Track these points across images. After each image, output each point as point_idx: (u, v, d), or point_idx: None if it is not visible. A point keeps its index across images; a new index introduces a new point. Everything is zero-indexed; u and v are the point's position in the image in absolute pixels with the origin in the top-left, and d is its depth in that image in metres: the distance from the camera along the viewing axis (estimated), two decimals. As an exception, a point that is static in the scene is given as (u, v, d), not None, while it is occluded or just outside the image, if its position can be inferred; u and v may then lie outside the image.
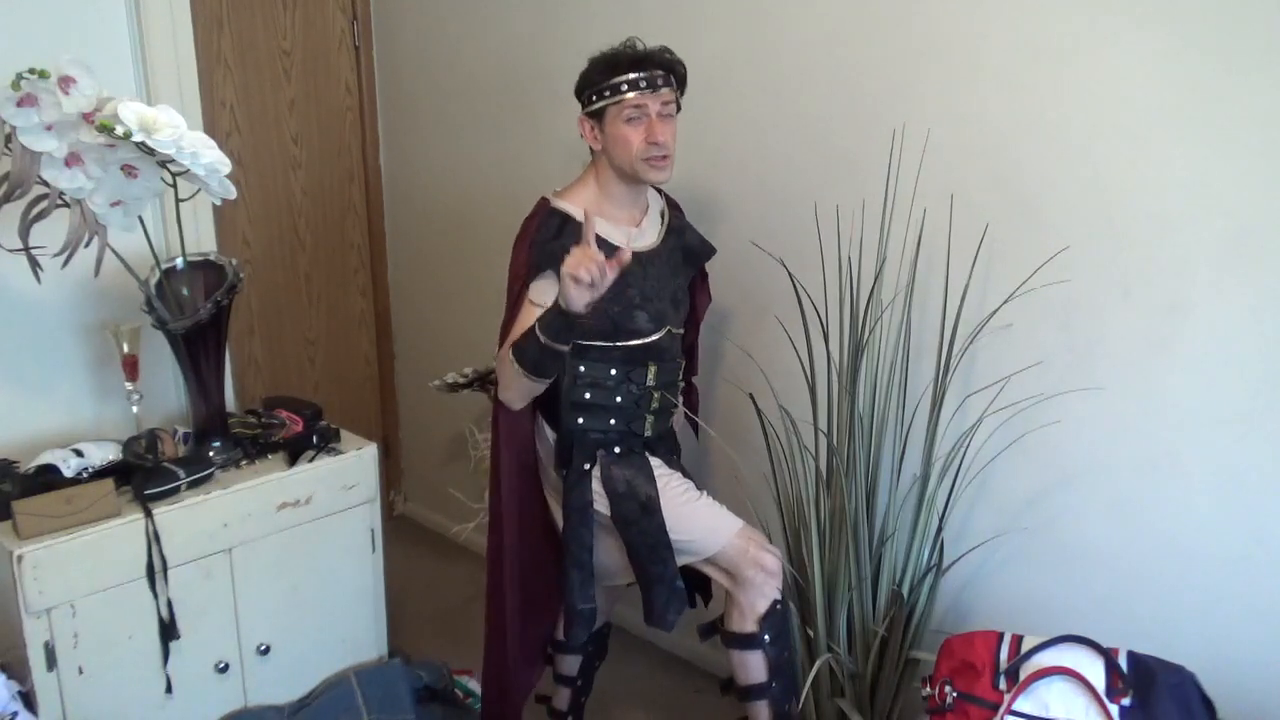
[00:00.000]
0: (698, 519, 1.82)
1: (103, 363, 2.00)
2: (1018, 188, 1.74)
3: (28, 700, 1.66)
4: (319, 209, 2.94)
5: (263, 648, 1.95)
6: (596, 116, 1.76)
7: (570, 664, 2.10)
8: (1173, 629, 1.69)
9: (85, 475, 1.78)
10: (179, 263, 1.87)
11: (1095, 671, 1.48)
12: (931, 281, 1.86)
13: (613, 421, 1.85)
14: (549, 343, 1.63)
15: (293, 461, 1.96)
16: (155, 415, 2.07)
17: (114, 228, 1.69)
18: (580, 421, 1.84)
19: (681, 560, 1.82)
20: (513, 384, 1.74)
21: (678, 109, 1.79)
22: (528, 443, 1.90)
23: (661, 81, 1.73)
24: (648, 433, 1.89)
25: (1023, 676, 1.51)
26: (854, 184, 1.93)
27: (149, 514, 1.74)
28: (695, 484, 1.90)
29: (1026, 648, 1.55)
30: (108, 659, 1.73)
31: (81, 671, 1.70)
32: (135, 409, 1.95)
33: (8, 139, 1.57)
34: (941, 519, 1.86)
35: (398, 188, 3.04)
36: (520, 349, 1.68)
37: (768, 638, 1.80)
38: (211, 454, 1.91)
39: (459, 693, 2.19)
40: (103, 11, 1.92)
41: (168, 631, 1.79)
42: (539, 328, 1.64)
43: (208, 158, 1.62)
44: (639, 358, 1.83)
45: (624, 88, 1.71)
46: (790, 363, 1.99)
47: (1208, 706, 1.47)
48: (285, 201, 2.86)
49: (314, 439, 2.01)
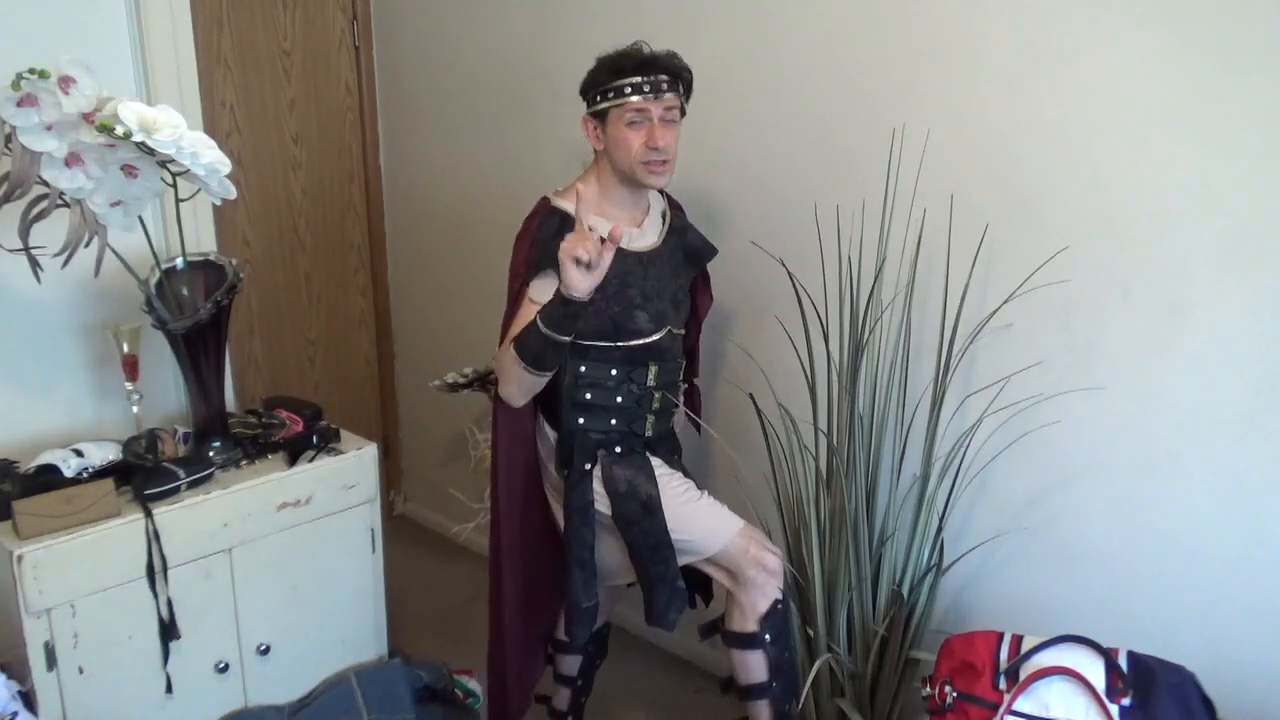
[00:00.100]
0: (699, 519, 1.82)
1: (103, 363, 2.00)
2: (1018, 188, 1.74)
3: (28, 700, 1.66)
4: (319, 209, 2.94)
5: (263, 648, 1.95)
6: (600, 117, 1.76)
7: (570, 664, 2.10)
8: (1173, 629, 1.69)
9: (85, 475, 1.78)
10: (179, 263, 1.87)
11: (1095, 671, 1.48)
12: (931, 281, 1.86)
13: (613, 421, 1.85)
14: (550, 333, 1.63)
15: (293, 461, 1.96)
16: (155, 415, 2.07)
17: (114, 228, 1.69)
18: (581, 421, 1.84)
19: (682, 560, 1.82)
20: (513, 379, 1.75)
21: (682, 114, 1.79)
22: (528, 442, 1.90)
23: (666, 87, 1.73)
24: (648, 433, 1.89)
25: (1023, 676, 1.51)
26: (854, 184, 1.93)
27: (149, 514, 1.74)
28: (696, 484, 1.90)
29: (1026, 648, 1.55)
30: (108, 659, 1.73)
31: (81, 671, 1.70)
32: (135, 409, 1.95)
33: (8, 139, 1.56)
34: (941, 519, 1.87)
35: (398, 188, 3.04)
36: (521, 342, 1.69)
37: (768, 637, 1.80)
38: (211, 454, 1.91)
39: (459, 693, 2.18)
40: (103, 11, 1.92)
41: (168, 631, 1.79)
42: (540, 318, 1.64)
43: (208, 158, 1.62)
44: (640, 358, 1.83)
45: (627, 90, 1.71)
46: (790, 363, 1.99)
47: (1208, 706, 1.47)
48: (285, 201, 2.86)
49: (314, 439, 2.01)
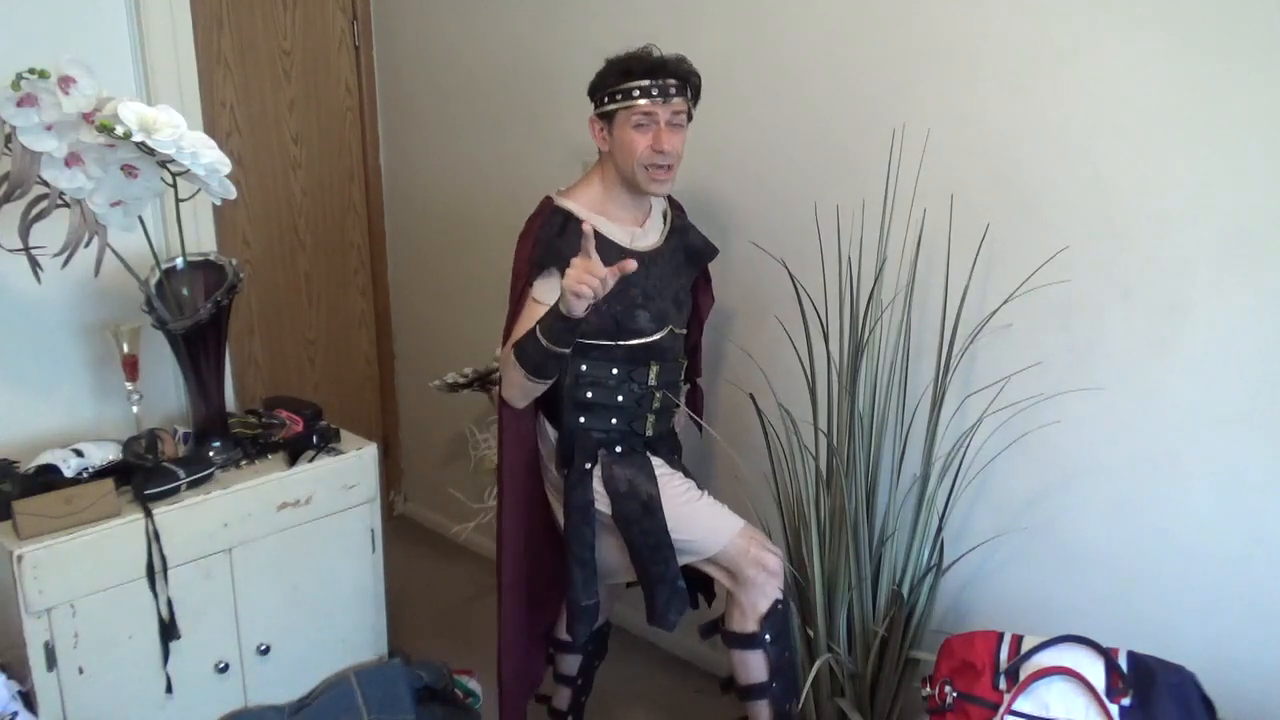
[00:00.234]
0: (699, 519, 1.82)
1: (103, 363, 2.00)
2: (1018, 188, 1.74)
3: (28, 700, 1.66)
4: (319, 209, 2.94)
5: (263, 648, 1.95)
6: (606, 118, 1.76)
7: (570, 663, 2.10)
8: (1173, 629, 1.69)
9: (85, 475, 1.78)
10: (179, 263, 1.87)
11: (1095, 671, 1.48)
12: (931, 281, 1.86)
13: (614, 421, 1.85)
14: (550, 346, 1.64)
15: (293, 461, 1.96)
16: (155, 415, 2.07)
17: (114, 228, 1.69)
18: (582, 420, 1.84)
19: (683, 560, 1.82)
20: (515, 384, 1.75)
21: (689, 119, 1.79)
22: (530, 441, 1.90)
23: (674, 91, 1.73)
24: (649, 432, 1.89)
25: (1023, 676, 1.51)
26: (854, 184, 1.93)
27: (149, 514, 1.74)
28: (696, 484, 1.90)
29: (1026, 648, 1.55)
30: (108, 659, 1.73)
31: (81, 671, 1.70)
32: (135, 409, 1.95)
33: (8, 139, 1.56)
34: (941, 519, 1.87)
35: (398, 188, 3.04)
36: (522, 350, 1.68)
37: (769, 637, 1.80)
38: (211, 454, 1.91)
39: (459, 693, 2.18)
40: (103, 11, 1.92)
41: (168, 631, 1.79)
42: (540, 331, 1.64)
43: (208, 158, 1.62)
44: (641, 357, 1.83)
45: (635, 93, 1.71)
46: (790, 363, 1.99)
47: (1208, 706, 1.47)
48: (285, 201, 2.86)
49: (314, 439, 2.01)
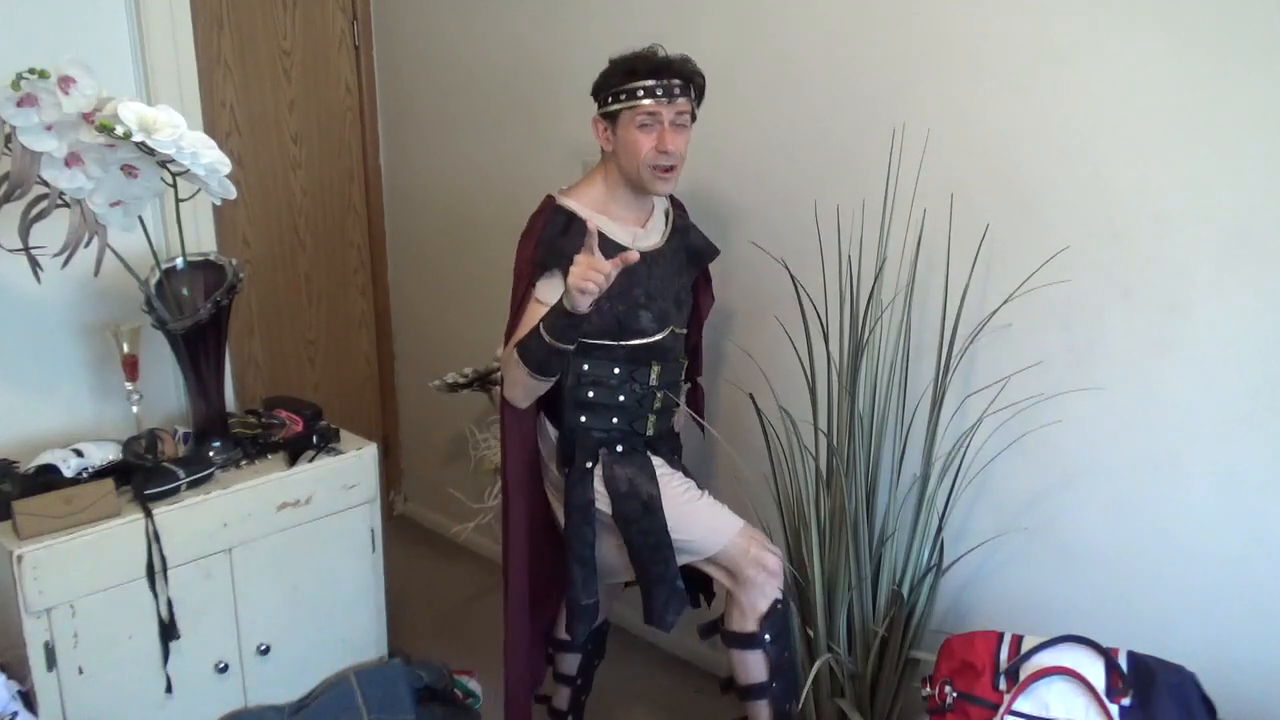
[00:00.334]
0: (699, 518, 1.82)
1: (103, 363, 2.00)
2: (1018, 188, 1.74)
3: (28, 700, 1.66)
4: (319, 209, 2.94)
5: (263, 648, 1.95)
6: (610, 118, 1.76)
7: (570, 663, 2.10)
8: (1173, 629, 1.69)
9: (85, 475, 1.78)
10: (179, 263, 1.87)
11: (1095, 671, 1.48)
12: (931, 281, 1.86)
13: (615, 420, 1.85)
14: (554, 342, 1.64)
15: (293, 461, 1.96)
16: (155, 415, 2.07)
17: (114, 228, 1.69)
18: (583, 420, 1.84)
19: (682, 559, 1.82)
20: (518, 383, 1.75)
21: (693, 119, 1.79)
22: (534, 441, 1.90)
23: (679, 91, 1.73)
24: (650, 432, 1.89)
25: (1023, 676, 1.51)
26: (854, 184, 1.93)
27: (149, 514, 1.74)
28: (696, 484, 1.90)
29: (1026, 648, 1.55)
30: (108, 659, 1.73)
31: (81, 671, 1.70)
32: (135, 409, 1.95)
33: (8, 139, 1.56)
34: (941, 519, 1.86)
35: (398, 188, 3.04)
36: (525, 348, 1.69)
37: (768, 637, 1.80)
38: (211, 454, 1.91)
39: (459, 693, 2.18)
40: (103, 11, 1.92)
41: (168, 631, 1.79)
42: (544, 328, 1.64)
43: (208, 158, 1.62)
44: (642, 357, 1.83)
45: (640, 93, 1.71)
46: (790, 363, 1.99)
47: (1208, 706, 1.47)
48: (285, 201, 2.86)
49: (314, 439, 2.01)
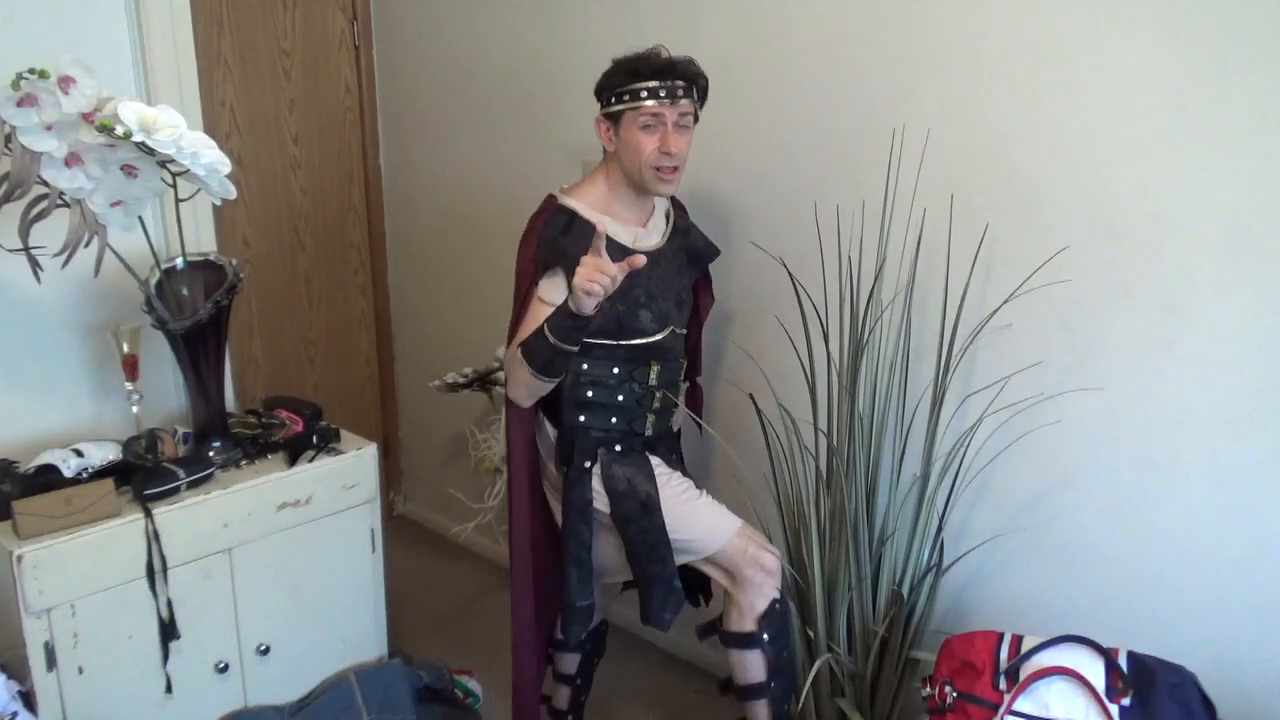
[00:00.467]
0: (697, 518, 1.82)
1: (103, 363, 2.00)
2: (1018, 188, 1.74)
3: (28, 700, 1.66)
4: (319, 209, 2.94)
5: (263, 648, 1.95)
6: (613, 119, 1.76)
7: (569, 662, 2.10)
8: (1173, 629, 1.69)
9: (85, 475, 1.78)
10: (179, 263, 1.87)
11: (1095, 671, 1.48)
12: (931, 281, 1.86)
13: (614, 420, 1.85)
14: (558, 343, 1.64)
15: (293, 461, 1.96)
16: (155, 415, 2.07)
17: (114, 228, 1.69)
18: (582, 419, 1.84)
19: (681, 559, 1.82)
20: (521, 383, 1.75)
21: (695, 120, 1.80)
22: (532, 440, 1.90)
23: (682, 93, 1.73)
24: (648, 432, 1.89)
25: (1023, 676, 1.51)
26: (854, 184, 1.93)
27: (149, 514, 1.74)
28: (695, 483, 1.90)
29: (1026, 648, 1.55)
30: (108, 659, 1.73)
31: (81, 671, 1.70)
32: (135, 409, 1.95)
33: (8, 139, 1.56)
34: (941, 519, 1.86)
35: (398, 188, 3.04)
36: (530, 349, 1.69)
37: (766, 637, 1.80)
38: (211, 454, 1.91)
39: (459, 693, 2.18)
40: (103, 11, 1.92)
41: (168, 631, 1.79)
42: (548, 328, 1.64)
43: (208, 158, 1.62)
44: (642, 357, 1.84)
45: (643, 95, 1.71)
46: (790, 363, 1.99)
47: (1208, 706, 1.47)
48: (285, 201, 2.86)
49: (314, 439, 2.01)
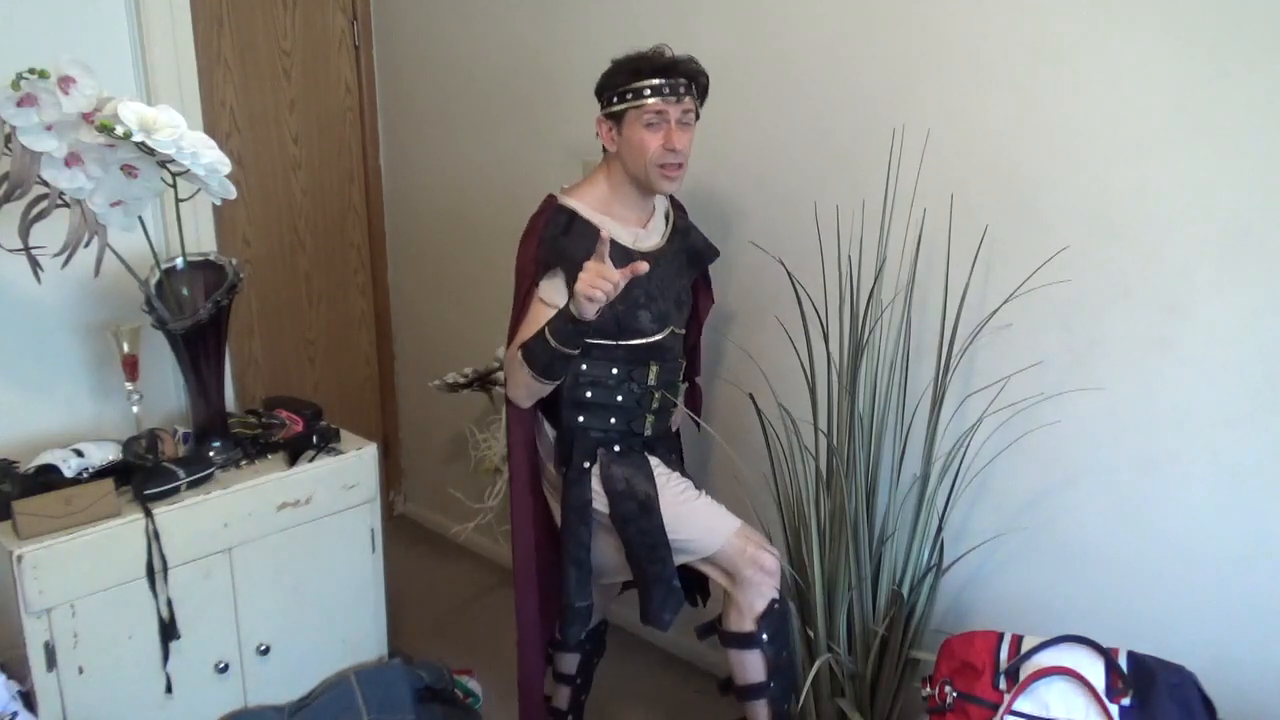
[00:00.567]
0: (696, 518, 1.82)
1: (103, 363, 2.00)
2: (1018, 188, 1.74)
3: (28, 700, 1.66)
4: (319, 209, 2.94)
5: (263, 648, 1.95)
6: (615, 118, 1.76)
7: (569, 662, 2.10)
8: (1173, 629, 1.69)
9: (85, 475, 1.78)
10: (179, 263, 1.87)
11: (1095, 671, 1.48)
12: (931, 281, 1.86)
13: (613, 420, 1.85)
14: (559, 347, 1.64)
15: (293, 461, 1.96)
16: (155, 415, 2.07)
17: (114, 228, 1.69)
18: (581, 420, 1.84)
19: (680, 559, 1.82)
20: (520, 384, 1.75)
21: (696, 118, 1.80)
22: (532, 441, 1.90)
23: (684, 90, 1.73)
24: (648, 432, 1.89)
25: (1023, 676, 1.51)
26: (854, 184, 1.93)
27: (149, 514, 1.74)
28: (694, 484, 1.90)
29: (1026, 648, 1.55)
30: (108, 659, 1.73)
31: (81, 671, 1.70)
32: (135, 409, 1.95)
33: (8, 139, 1.56)
34: (941, 519, 1.86)
35: (398, 188, 3.04)
36: (530, 351, 1.69)
37: (766, 637, 1.80)
38: (211, 454, 1.91)
39: (459, 693, 2.18)
40: (103, 11, 1.92)
41: (168, 631, 1.79)
42: (549, 332, 1.64)
43: (208, 158, 1.62)
44: (641, 357, 1.84)
45: (646, 93, 1.71)
46: (790, 363, 1.99)
47: (1208, 706, 1.47)
48: (285, 201, 2.86)
49: (314, 439, 2.01)
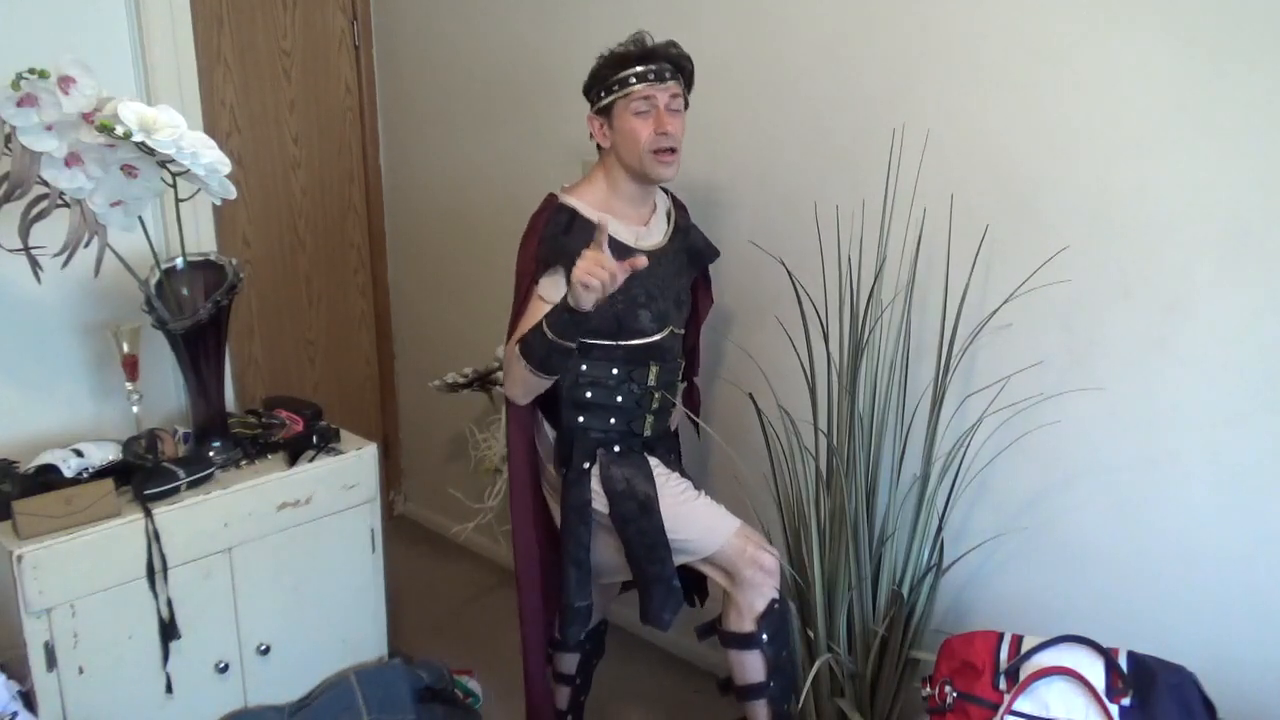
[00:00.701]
0: (696, 518, 1.82)
1: (103, 363, 2.00)
2: (1018, 188, 1.74)
3: (28, 700, 1.66)
4: (319, 209, 2.94)
5: (263, 648, 1.95)
6: (605, 113, 1.76)
7: (569, 662, 2.10)
8: (1173, 629, 1.69)
9: (85, 475, 1.78)
10: (179, 263, 1.87)
11: (1095, 671, 1.48)
12: (931, 281, 1.86)
13: (613, 421, 1.85)
14: (556, 339, 1.64)
15: (293, 461, 1.96)
16: (155, 415, 2.07)
17: (114, 228, 1.69)
18: (580, 420, 1.84)
19: (679, 559, 1.82)
20: (518, 380, 1.75)
21: (685, 105, 1.80)
22: (532, 441, 1.90)
23: (669, 74, 1.74)
24: (647, 432, 1.89)
25: (1023, 676, 1.51)
26: (854, 184, 1.93)
27: (149, 514, 1.74)
28: (694, 484, 1.90)
29: (1026, 648, 1.55)
30: (108, 659, 1.73)
31: (81, 671, 1.70)
32: (135, 409, 1.95)
33: (8, 139, 1.56)
34: (941, 519, 1.86)
35: (398, 188, 3.04)
36: (527, 344, 1.69)
37: (765, 637, 1.80)
38: (211, 454, 1.91)
39: (459, 693, 2.18)
40: (103, 11, 1.92)
41: (168, 631, 1.79)
42: (546, 325, 1.64)
43: (208, 158, 1.62)
44: (641, 357, 1.83)
45: (632, 80, 1.71)
46: (790, 363, 1.99)
47: (1208, 706, 1.47)
48: (285, 201, 2.86)
49: (314, 439, 2.01)
